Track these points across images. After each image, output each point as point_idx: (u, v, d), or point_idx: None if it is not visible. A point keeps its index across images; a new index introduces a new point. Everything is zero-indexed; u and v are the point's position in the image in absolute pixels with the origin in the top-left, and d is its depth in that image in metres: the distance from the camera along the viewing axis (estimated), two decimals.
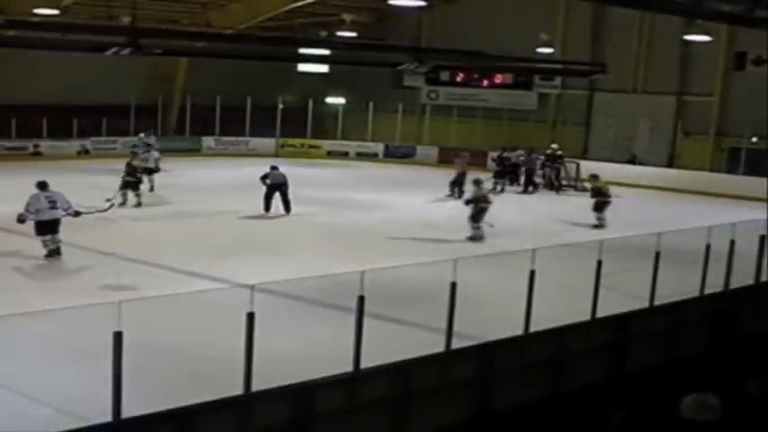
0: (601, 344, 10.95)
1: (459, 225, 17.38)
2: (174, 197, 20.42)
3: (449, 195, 23.04)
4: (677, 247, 12.11)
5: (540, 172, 26.59)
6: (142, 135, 25.64)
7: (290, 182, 19.23)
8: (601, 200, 19.43)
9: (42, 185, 14.04)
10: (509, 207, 20.70)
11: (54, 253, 13.63)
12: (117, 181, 19.07)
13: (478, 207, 16.96)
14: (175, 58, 29.62)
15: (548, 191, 25.81)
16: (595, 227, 18.83)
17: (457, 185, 22.91)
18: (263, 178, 19.17)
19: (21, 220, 13.75)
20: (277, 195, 18.98)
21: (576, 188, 26.01)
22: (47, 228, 13.66)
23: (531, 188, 25.44)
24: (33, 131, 26.58)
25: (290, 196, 19.08)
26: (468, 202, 17.38)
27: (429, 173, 27.04)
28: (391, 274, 10.55)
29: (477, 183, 17.80)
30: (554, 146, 26.86)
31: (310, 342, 9.61)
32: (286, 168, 19.75)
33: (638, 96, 30.30)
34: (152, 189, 21.18)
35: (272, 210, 18.88)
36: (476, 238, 16.74)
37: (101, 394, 6.96)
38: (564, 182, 26.33)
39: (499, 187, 24.63)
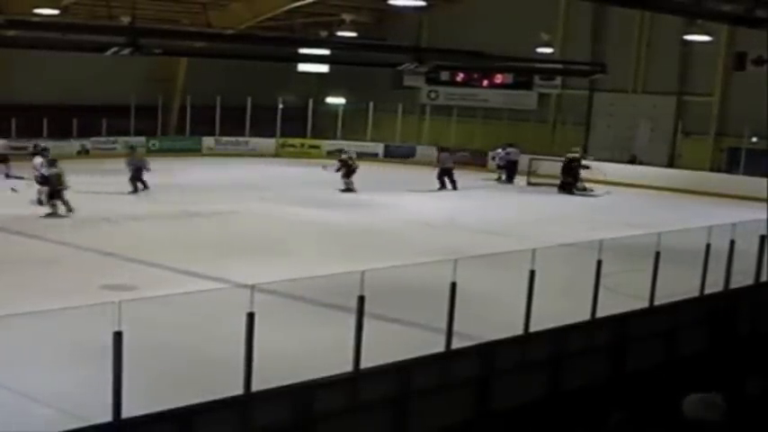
0: (601, 344, 10.94)
1: (459, 224, 17.37)
2: (174, 197, 20.40)
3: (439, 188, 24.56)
4: (677, 247, 12.09)
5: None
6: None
7: (288, 181, 19.13)
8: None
9: None
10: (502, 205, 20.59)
11: None
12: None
13: None
14: (175, 59, 29.65)
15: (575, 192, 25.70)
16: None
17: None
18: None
19: None
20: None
21: (576, 188, 26.06)
22: None
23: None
24: (33, 131, 26.57)
25: None
26: None
27: (429, 173, 26.92)
28: (391, 273, 10.54)
29: None
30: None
31: (310, 342, 9.61)
32: (286, 168, 19.75)
33: (638, 96, 30.30)
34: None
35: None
36: None
37: (101, 394, 6.95)
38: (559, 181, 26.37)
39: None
